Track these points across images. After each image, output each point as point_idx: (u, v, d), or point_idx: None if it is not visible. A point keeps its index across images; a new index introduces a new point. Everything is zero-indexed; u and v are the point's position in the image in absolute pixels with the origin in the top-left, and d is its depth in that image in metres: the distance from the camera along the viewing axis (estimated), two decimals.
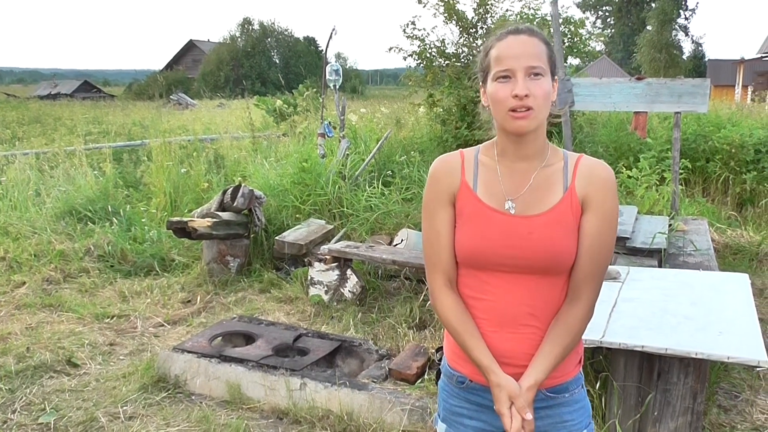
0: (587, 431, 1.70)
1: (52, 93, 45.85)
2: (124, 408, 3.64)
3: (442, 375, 1.80)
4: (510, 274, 1.59)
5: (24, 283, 5.79)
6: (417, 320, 4.79)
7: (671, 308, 3.22)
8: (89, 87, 52.43)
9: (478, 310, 1.64)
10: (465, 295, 1.66)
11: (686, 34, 55.46)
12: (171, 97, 32.92)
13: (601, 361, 3.20)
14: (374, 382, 3.78)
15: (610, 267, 3.29)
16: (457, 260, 1.66)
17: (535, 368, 1.56)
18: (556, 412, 1.64)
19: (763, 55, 29.78)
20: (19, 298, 5.46)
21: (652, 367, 2.95)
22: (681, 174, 6.81)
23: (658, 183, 6.75)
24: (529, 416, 1.53)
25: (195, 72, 58.22)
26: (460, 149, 1.73)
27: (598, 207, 1.58)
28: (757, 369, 3.79)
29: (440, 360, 3.79)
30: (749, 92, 25.22)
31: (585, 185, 1.59)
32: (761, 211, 7.75)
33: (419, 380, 3.85)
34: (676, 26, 50.82)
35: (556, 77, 1.59)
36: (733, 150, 8.24)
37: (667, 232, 5.04)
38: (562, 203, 1.58)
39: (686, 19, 55.14)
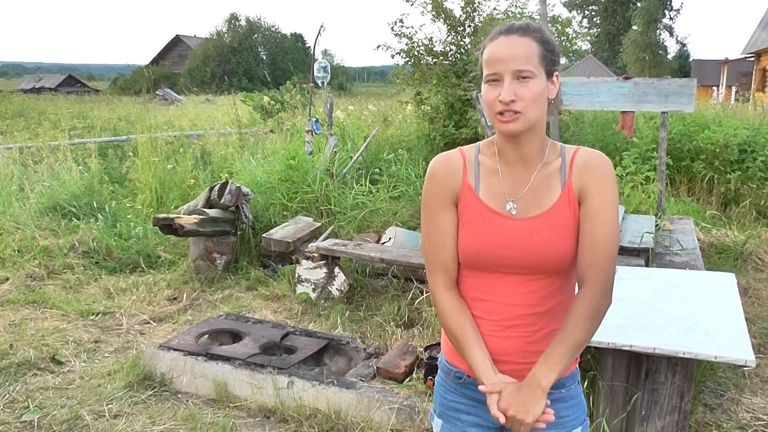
0: (582, 427, 1.72)
1: (35, 87, 45.40)
2: (109, 406, 3.61)
3: (439, 371, 1.81)
4: (511, 275, 1.61)
5: (7, 279, 5.72)
6: (405, 319, 4.78)
7: (659, 308, 3.23)
8: (74, 81, 52.14)
9: (480, 310, 1.65)
10: (467, 295, 1.68)
11: (671, 34, 56.09)
12: (157, 92, 32.70)
13: (589, 360, 3.22)
14: (362, 380, 3.77)
15: None
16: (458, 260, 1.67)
17: (540, 368, 1.54)
18: (552, 408, 1.64)
19: (747, 55, 30.03)
20: (2, 294, 5.39)
21: (639, 366, 2.96)
22: (666, 173, 6.85)
23: (643, 182, 6.79)
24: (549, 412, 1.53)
25: (181, 67, 57.95)
26: (460, 147, 1.72)
27: (595, 193, 1.56)
28: (743, 368, 3.82)
29: (428, 358, 3.79)
30: (733, 92, 25.45)
31: (580, 176, 1.59)
32: (745, 210, 7.82)
33: (407, 379, 3.84)
34: (661, 26, 51.24)
35: (556, 73, 1.59)
36: (717, 150, 8.30)
37: (654, 232, 5.06)
38: (560, 201, 1.59)
39: (671, 19, 55.68)
